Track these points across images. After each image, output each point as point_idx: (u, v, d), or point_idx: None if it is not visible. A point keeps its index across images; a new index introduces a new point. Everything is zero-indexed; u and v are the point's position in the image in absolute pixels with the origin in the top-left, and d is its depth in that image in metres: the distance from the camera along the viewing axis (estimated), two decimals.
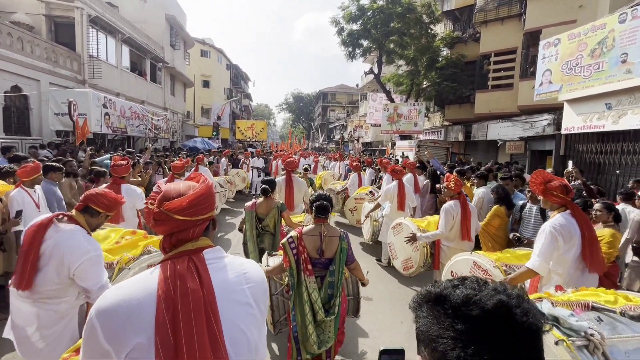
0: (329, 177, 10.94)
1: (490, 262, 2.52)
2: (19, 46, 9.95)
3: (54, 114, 9.91)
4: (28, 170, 3.66)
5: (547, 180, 2.29)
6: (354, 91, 42.74)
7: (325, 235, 2.37)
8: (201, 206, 1.01)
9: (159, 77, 19.53)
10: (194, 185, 1.05)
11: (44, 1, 11.93)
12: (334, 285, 2.35)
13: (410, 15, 15.22)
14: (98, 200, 2.03)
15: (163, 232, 1.00)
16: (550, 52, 8.95)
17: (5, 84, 9.60)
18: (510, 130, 11.89)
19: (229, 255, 1.07)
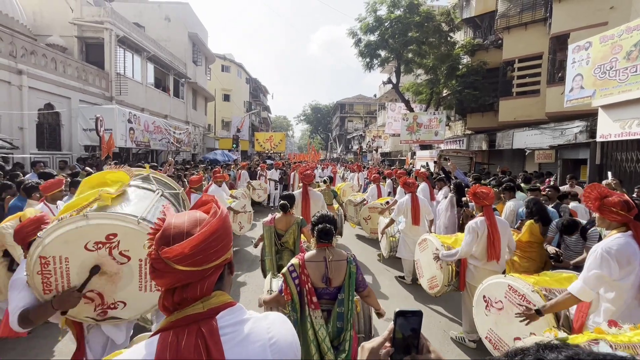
0: (347, 188, 10.76)
1: (527, 285, 2.26)
2: (53, 66, 10.53)
3: (82, 129, 10.34)
4: (48, 186, 3.72)
5: (604, 195, 2.02)
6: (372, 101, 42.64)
7: (331, 260, 2.08)
8: (211, 250, 0.76)
9: (181, 92, 20.20)
10: (202, 218, 0.80)
11: (76, 24, 12.66)
12: (343, 316, 2.05)
13: (428, 24, 15.06)
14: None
15: (162, 285, 0.77)
16: (580, 56, 8.51)
17: (40, 102, 10.14)
18: (538, 139, 11.33)
19: (251, 314, 0.81)
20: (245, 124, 29.26)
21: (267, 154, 24.08)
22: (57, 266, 1.58)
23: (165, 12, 19.21)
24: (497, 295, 2.45)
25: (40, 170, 6.26)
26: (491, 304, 2.51)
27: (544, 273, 2.59)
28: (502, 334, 2.46)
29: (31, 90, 9.65)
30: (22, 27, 11.27)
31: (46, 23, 12.86)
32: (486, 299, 2.57)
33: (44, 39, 11.88)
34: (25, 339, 3.44)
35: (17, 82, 9.25)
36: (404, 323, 0.75)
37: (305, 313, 2.03)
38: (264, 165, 12.01)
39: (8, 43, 9.00)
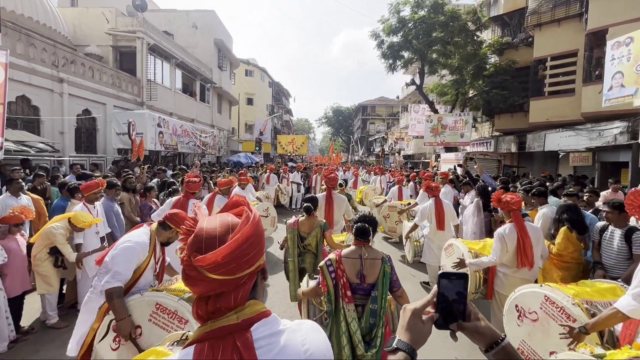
0: (370, 191, 10.66)
1: (567, 297, 2.12)
2: (90, 74, 11.20)
3: (116, 133, 10.91)
4: (89, 187, 3.96)
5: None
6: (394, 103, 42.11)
7: (367, 257, 2.17)
8: (244, 258, 0.73)
9: (207, 96, 20.84)
10: (234, 223, 0.77)
11: (111, 34, 13.40)
12: (376, 313, 2.12)
13: (454, 24, 14.69)
14: (172, 219, 2.42)
15: (196, 292, 0.75)
16: (620, 53, 7.99)
17: (78, 108, 10.80)
18: (573, 140, 10.72)
19: (285, 324, 0.79)
20: (268, 127, 29.75)
21: (289, 157, 24.33)
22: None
23: (192, 20, 19.94)
24: (532, 306, 2.33)
25: (79, 172, 6.66)
26: (524, 314, 2.40)
27: (582, 282, 2.43)
28: (536, 346, 2.34)
29: (71, 97, 10.31)
30: (64, 38, 12.07)
31: (84, 34, 13.70)
32: (519, 309, 2.45)
33: (82, 49, 12.66)
34: (65, 330, 3.66)
35: (59, 90, 9.91)
36: (449, 286, 0.71)
37: (339, 305, 2.13)
38: (286, 168, 12.14)
39: (51, 53, 9.67)
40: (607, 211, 3.17)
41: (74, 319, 3.86)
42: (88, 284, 3.97)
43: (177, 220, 2.40)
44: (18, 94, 8.70)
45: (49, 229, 3.58)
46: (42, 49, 9.39)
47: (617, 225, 3.10)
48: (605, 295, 2.18)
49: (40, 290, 3.63)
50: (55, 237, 3.56)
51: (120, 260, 2.15)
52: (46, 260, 3.65)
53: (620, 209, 3.04)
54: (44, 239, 3.60)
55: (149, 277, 2.42)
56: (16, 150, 7.08)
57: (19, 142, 7.47)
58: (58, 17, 12.24)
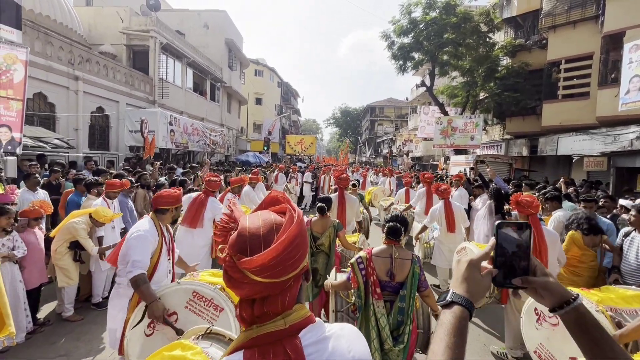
0: (379, 192, 10.62)
1: (590, 304, 2.08)
2: (104, 73, 11.39)
3: (128, 131, 11.07)
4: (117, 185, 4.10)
5: None
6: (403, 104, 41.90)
7: (397, 257, 2.23)
8: (290, 260, 0.69)
9: (217, 96, 21.02)
10: (278, 222, 0.72)
11: (125, 33, 13.60)
12: (404, 311, 2.18)
13: (466, 25, 14.56)
14: (160, 201, 2.53)
15: (239, 295, 0.72)
16: (638, 56, 7.85)
17: (92, 106, 10.99)
18: (587, 144, 10.54)
19: (330, 329, 0.76)
20: (276, 127, 29.87)
21: (298, 157, 24.39)
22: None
23: (204, 20, 20.14)
24: None
25: (94, 168, 6.77)
26: (544, 318, 2.36)
27: (606, 288, 2.37)
28: (555, 351, 2.30)
29: (85, 95, 10.49)
30: (79, 37, 12.30)
31: (99, 33, 13.94)
32: (538, 312, 2.41)
33: (97, 47, 12.88)
34: (79, 324, 3.72)
35: (74, 87, 10.10)
36: (508, 237, 0.63)
37: (369, 301, 2.20)
38: (295, 168, 12.16)
39: (67, 52, 9.86)
40: (633, 215, 3.11)
41: (89, 312, 3.96)
42: (102, 277, 4.06)
43: (165, 200, 2.53)
44: (35, 91, 8.90)
45: (70, 224, 3.65)
46: (59, 47, 9.59)
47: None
48: (631, 302, 2.13)
49: (61, 283, 3.70)
50: (77, 231, 3.63)
51: (135, 249, 2.24)
52: (66, 254, 3.73)
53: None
54: (65, 233, 3.68)
55: (164, 265, 2.49)
56: (33, 146, 7.23)
57: (36, 138, 7.63)
58: (74, 16, 12.47)
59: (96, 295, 4.09)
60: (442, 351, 0.62)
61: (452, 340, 0.63)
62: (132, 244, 2.27)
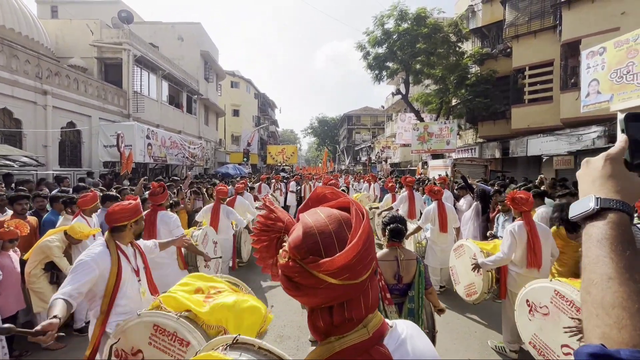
0: (364, 198, 10.73)
1: (576, 291, 2.20)
2: (75, 86, 10.95)
3: (103, 146, 10.64)
4: (87, 200, 3.84)
5: None
6: (379, 112, 42.89)
7: (402, 259, 2.24)
8: (369, 256, 0.62)
9: (194, 108, 20.68)
10: (343, 216, 0.65)
11: (96, 45, 13.20)
12: (414, 312, 2.18)
13: (436, 35, 15.26)
14: (113, 218, 2.22)
15: (311, 304, 0.64)
16: (595, 62, 8.50)
17: (62, 121, 10.50)
18: (554, 145, 11.23)
19: (402, 330, 0.70)
20: (255, 138, 29.68)
21: (281, 167, 24.29)
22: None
23: (178, 32, 19.90)
24: (542, 300, 2.40)
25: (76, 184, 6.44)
26: (535, 309, 2.47)
27: None
28: (548, 340, 2.41)
29: (55, 110, 10.02)
30: (46, 50, 11.81)
31: (68, 46, 13.45)
32: (529, 303, 2.52)
33: (65, 60, 12.40)
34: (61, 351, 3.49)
35: (42, 102, 9.63)
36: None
37: (380, 308, 2.14)
38: (279, 177, 12.11)
39: (34, 65, 9.43)
40: None
41: (71, 339, 3.72)
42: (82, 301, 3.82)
43: (120, 216, 2.22)
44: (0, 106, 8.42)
45: (43, 243, 3.44)
46: (25, 61, 9.15)
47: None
48: None
49: (36, 308, 3.46)
50: (51, 250, 3.42)
51: (71, 277, 1.95)
52: (42, 276, 3.49)
53: None
54: (39, 254, 3.45)
55: (132, 287, 2.22)
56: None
57: (1, 156, 7.18)
58: (41, 29, 11.99)
59: (78, 320, 3.85)
60: (619, 279, 0.43)
61: (626, 256, 0.45)
62: (70, 271, 1.99)
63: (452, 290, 4.83)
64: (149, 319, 1.87)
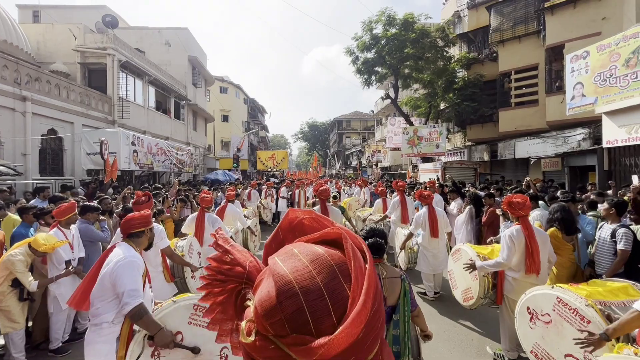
0: (353, 202, 10.64)
1: (579, 298, 2.13)
2: (56, 92, 10.59)
3: (86, 153, 10.29)
4: (63, 210, 3.61)
5: None
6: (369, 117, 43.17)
7: (385, 277, 1.96)
8: (381, 317, 0.44)
9: (182, 114, 20.35)
10: (335, 258, 0.45)
11: (79, 50, 12.86)
12: (399, 339, 1.88)
13: (424, 40, 15.43)
14: (132, 224, 2.33)
15: None
16: (579, 65, 8.67)
17: (43, 128, 10.13)
18: (541, 147, 11.39)
19: None
20: (245, 144, 29.41)
21: (271, 172, 24.06)
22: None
23: (165, 37, 19.63)
24: (544, 308, 2.32)
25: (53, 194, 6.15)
26: (536, 317, 2.38)
27: (594, 282, 2.46)
28: (551, 349, 2.32)
29: (35, 116, 9.66)
30: (27, 55, 11.43)
31: (49, 51, 13.07)
32: (530, 311, 2.44)
33: (47, 66, 12.03)
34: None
35: (21, 109, 9.27)
36: None
37: None
38: (270, 184, 11.93)
39: (13, 70, 9.08)
40: (604, 208, 3.30)
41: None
42: (61, 318, 3.59)
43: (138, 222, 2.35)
44: None
45: (7, 258, 3.18)
46: (3, 66, 8.81)
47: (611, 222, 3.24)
48: (618, 295, 2.20)
49: (4, 329, 3.20)
50: (13, 265, 3.16)
51: (126, 277, 2.04)
52: (9, 294, 3.23)
53: (616, 207, 3.20)
54: (2, 269, 3.19)
55: (147, 292, 2.31)
56: None
57: None
58: (20, 34, 11.61)
59: (55, 340, 3.59)
60: None
61: None
62: (120, 273, 2.03)
63: (447, 297, 4.75)
64: (188, 302, 2.06)
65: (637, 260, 3.01)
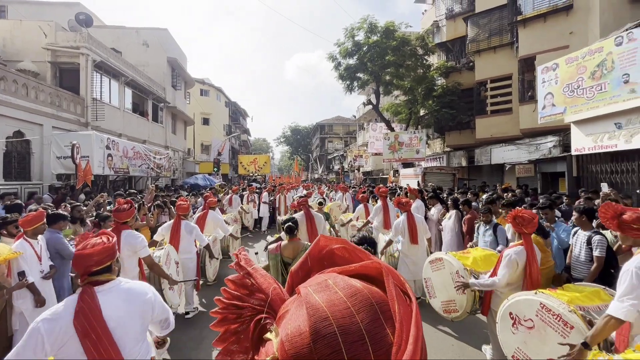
0: (334, 207, 10.65)
1: (563, 305, 2.19)
2: (24, 92, 10.03)
3: (56, 157, 9.77)
4: (29, 220, 3.38)
5: (620, 213, 2.03)
6: (351, 122, 43.62)
7: None
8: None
9: (160, 116, 19.78)
10: (375, 296, 0.41)
11: (50, 49, 12.25)
12: None
13: (404, 48, 15.80)
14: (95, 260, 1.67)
15: None
16: (549, 76, 9.12)
17: (8, 130, 9.54)
18: (515, 154, 11.86)
19: None
20: (226, 147, 28.95)
21: (253, 177, 23.74)
22: None
23: (143, 38, 19.08)
24: (527, 314, 2.37)
25: (7, 203, 5.75)
26: (519, 322, 2.44)
27: (567, 286, 2.55)
28: (533, 354, 2.38)
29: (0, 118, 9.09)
30: None
31: (17, 49, 12.38)
32: (513, 316, 2.49)
33: (14, 64, 11.37)
34: None
35: None
36: None
37: None
38: (253, 188, 11.75)
39: None
40: (575, 216, 3.44)
41: None
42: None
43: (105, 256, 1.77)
44: None
45: None
46: None
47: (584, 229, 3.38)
48: (593, 299, 2.29)
49: None
50: None
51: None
52: None
53: (586, 213, 3.34)
54: None
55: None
56: None
57: None
58: None
59: None
60: None
61: None
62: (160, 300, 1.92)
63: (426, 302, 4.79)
64: None
65: (609, 265, 3.15)
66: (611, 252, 3.22)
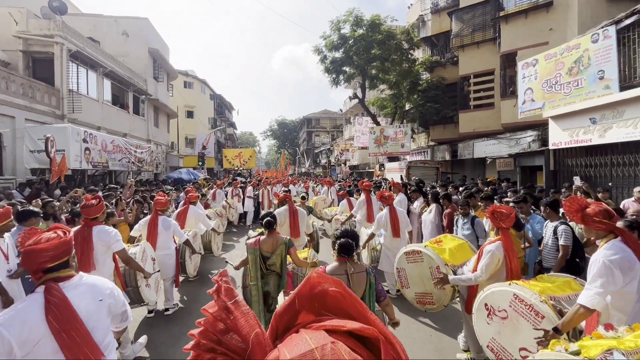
0: (319, 201, 10.67)
1: (534, 295, 2.25)
2: None
3: (29, 151, 9.37)
4: None
5: (584, 207, 2.10)
6: (338, 116, 43.55)
7: (352, 272, 2.14)
8: None
9: (142, 109, 19.21)
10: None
11: (21, 37, 11.66)
12: None
13: (390, 42, 15.81)
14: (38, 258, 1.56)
15: None
16: (529, 72, 9.31)
17: None
18: (496, 148, 12.12)
19: None
20: (211, 141, 28.46)
21: (237, 171, 23.45)
22: None
23: (122, 27, 18.38)
24: (501, 304, 2.43)
25: None
26: (494, 313, 2.50)
27: (540, 277, 2.63)
28: (506, 343, 2.45)
29: None
30: None
31: None
32: (488, 307, 2.55)
33: None
34: None
35: None
36: None
37: None
38: (238, 183, 11.60)
39: None
40: (543, 209, 3.55)
41: None
42: None
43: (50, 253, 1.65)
44: None
45: None
46: None
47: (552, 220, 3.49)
48: (564, 289, 2.37)
49: None
50: None
51: None
52: None
53: (550, 205, 3.46)
54: None
55: None
56: None
57: None
58: None
59: None
60: None
61: None
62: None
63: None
64: None
65: (575, 254, 3.27)
66: (577, 242, 3.34)
